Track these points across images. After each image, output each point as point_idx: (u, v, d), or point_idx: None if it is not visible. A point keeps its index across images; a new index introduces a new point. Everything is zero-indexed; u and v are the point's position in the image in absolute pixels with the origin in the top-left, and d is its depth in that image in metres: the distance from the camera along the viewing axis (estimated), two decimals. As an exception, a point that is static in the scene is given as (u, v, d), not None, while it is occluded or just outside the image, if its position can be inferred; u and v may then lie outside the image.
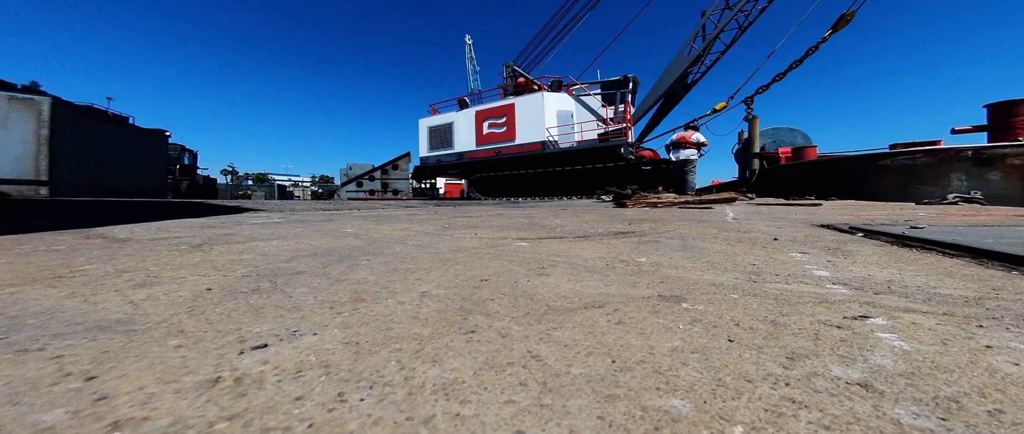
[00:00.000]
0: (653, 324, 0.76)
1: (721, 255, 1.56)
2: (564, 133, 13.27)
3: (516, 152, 13.95)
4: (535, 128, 13.38)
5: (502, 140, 14.38)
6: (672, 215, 3.80)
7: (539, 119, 13.26)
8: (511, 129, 14.15)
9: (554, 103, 13.52)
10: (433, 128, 16.79)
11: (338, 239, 2.06)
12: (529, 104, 13.76)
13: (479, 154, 15.13)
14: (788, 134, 12.73)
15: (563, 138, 13.25)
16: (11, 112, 8.69)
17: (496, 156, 14.50)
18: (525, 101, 13.93)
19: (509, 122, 14.23)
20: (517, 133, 13.92)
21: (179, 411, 0.46)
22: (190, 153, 20.44)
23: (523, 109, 13.86)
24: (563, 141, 13.22)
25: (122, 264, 1.31)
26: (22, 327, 0.71)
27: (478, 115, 15.26)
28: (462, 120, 15.78)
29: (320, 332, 0.71)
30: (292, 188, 40.20)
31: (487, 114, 15.04)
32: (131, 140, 12.25)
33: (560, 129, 13.27)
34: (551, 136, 13.16)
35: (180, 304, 0.87)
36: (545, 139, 13.13)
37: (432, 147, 16.84)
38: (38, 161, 8.83)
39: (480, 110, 15.30)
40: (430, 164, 17.13)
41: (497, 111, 14.75)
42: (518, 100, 14.10)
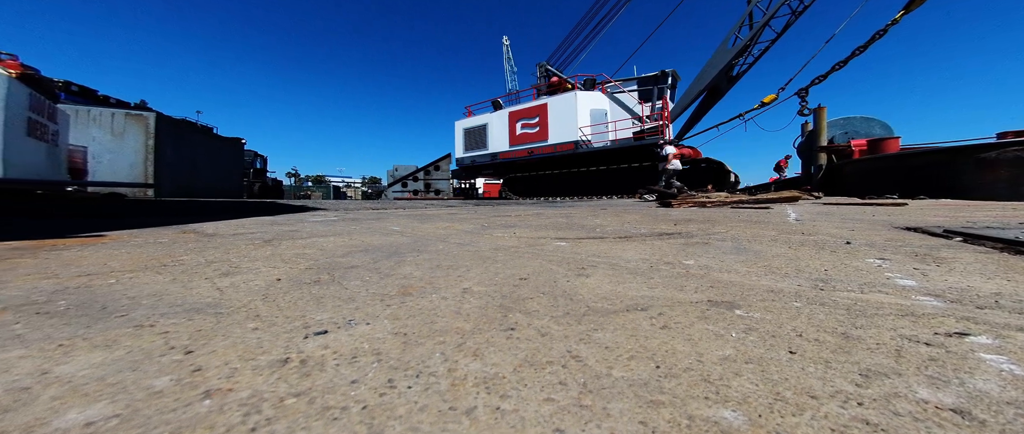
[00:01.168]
0: (702, 330, 0.72)
1: (781, 259, 1.43)
2: (598, 132, 12.99)
3: (548, 152, 13.82)
4: (568, 128, 13.20)
5: (535, 140, 14.35)
6: (723, 215, 3.54)
7: (572, 118, 13.07)
8: (544, 129, 14.06)
9: (587, 102, 13.28)
10: (468, 130, 17.05)
11: (386, 236, 2.19)
12: (562, 104, 13.56)
13: (512, 154, 15.16)
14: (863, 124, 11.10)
15: (596, 137, 12.97)
16: (127, 126, 10.35)
17: (529, 156, 14.47)
18: (558, 101, 13.75)
19: (542, 122, 14.16)
20: (550, 133, 13.82)
21: (256, 385, 0.52)
22: (261, 158, 22.87)
23: (556, 109, 13.71)
24: (596, 140, 12.95)
25: (210, 256, 1.50)
26: (138, 306, 0.85)
27: (511, 116, 15.31)
28: (496, 121, 15.99)
29: (372, 322, 0.77)
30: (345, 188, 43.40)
31: (520, 115, 15.02)
32: (215, 148, 14.01)
33: (593, 128, 13.01)
34: (584, 136, 12.97)
35: (256, 292, 0.98)
36: (578, 139, 12.94)
37: (467, 148, 17.11)
38: (146, 167, 10.41)
39: (513, 111, 15.32)
40: (466, 165, 17.39)
41: (530, 111, 14.69)
42: (551, 100, 13.96)
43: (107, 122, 10.18)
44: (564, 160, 13.71)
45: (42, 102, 6.18)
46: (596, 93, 13.50)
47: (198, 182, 12.54)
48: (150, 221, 2.91)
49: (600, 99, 13.42)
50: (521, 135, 14.90)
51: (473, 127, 16.85)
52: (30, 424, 0.43)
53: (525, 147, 14.70)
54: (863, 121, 11.27)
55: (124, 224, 2.64)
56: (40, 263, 1.30)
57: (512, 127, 15.20)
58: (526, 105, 15.06)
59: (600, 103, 13.36)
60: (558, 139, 13.56)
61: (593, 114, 13.17)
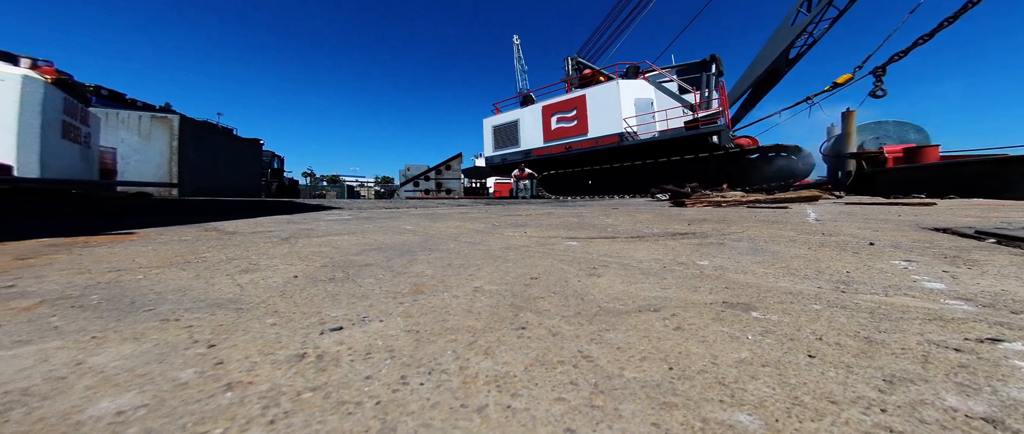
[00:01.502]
0: (716, 332, 0.71)
1: (800, 260, 1.39)
2: (644, 123, 11.81)
3: (589, 146, 12.70)
4: (610, 119, 12.11)
5: (572, 134, 13.27)
6: (739, 215, 3.45)
7: (615, 109, 11.96)
8: (582, 122, 12.94)
9: (631, 91, 12.07)
10: (498, 127, 15.96)
11: (398, 235, 2.22)
12: (602, 94, 12.41)
13: (547, 151, 14.14)
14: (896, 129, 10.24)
15: (643, 129, 11.80)
16: (153, 128, 10.77)
17: (566, 152, 13.40)
18: (598, 91, 12.59)
19: (580, 115, 13.05)
20: (590, 126, 12.69)
21: (275, 379, 0.54)
22: (278, 158, 23.50)
23: (596, 100, 12.57)
24: (643, 132, 11.81)
25: (231, 253, 1.56)
26: (164, 301, 0.89)
27: (545, 110, 14.27)
28: (527, 117, 14.91)
29: (385, 320, 0.78)
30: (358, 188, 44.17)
31: (555, 108, 13.96)
32: (235, 149, 14.44)
33: (639, 119, 11.85)
34: (629, 127, 11.84)
35: (274, 288, 1.01)
36: (623, 130, 11.81)
37: (497, 146, 16.01)
38: (171, 167, 10.82)
39: (547, 105, 14.26)
40: (496, 163, 16.51)
41: (566, 104, 13.60)
42: (589, 91, 12.83)
43: (134, 124, 10.62)
44: (607, 154, 12.60)
45: (75, 106, 6.49)
46: (640, 82, 12.27)
47: (219, 182, 12.97)
48: (174, 219, 3.03)
49: (644, 88, 12.18)
50: (557, 130, 13.81)
51: (503, 124, 15.89)
52: (67, 411, 0.45)
53: (561, 142, 13.61)
54: (896, 126, 10.38)
55: (150, 222, 2.75)
56: (74, 259, 1.36)
57: (546, 122, 14.13)
58: (561, 98, 13.92)
59: (645, 92, 12.13)
60: (599, 132, 12.41)
61: (638, 104, 11.99)
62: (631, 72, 12.69)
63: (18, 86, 5.27)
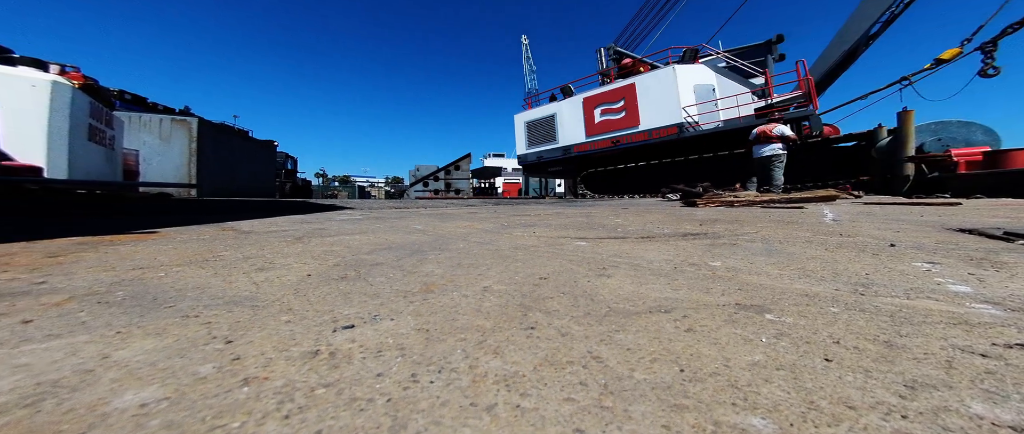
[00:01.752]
0: (729, 334, 0.69)
1: (816, 262, 1.35)
2: (706, 112, 10.48)
3: (641, 140, 11.41)
4: (667, 109, 10.81)
5: (620, 127, 11.92)
6: (752, 215, 3.38)
7: (672, 98, 10.65)
8: (632, 114, 11.62)
9: (690, 77, 10.73)
10: (531, 123, 14.70)
11: (408, 235, 2.25)
12: (656, 82, 11.06)
13: (590, 146, 12.81)
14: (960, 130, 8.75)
15: (705, 118, 10.50)
16: (173, 130, 11.12)
17: (614, 147, 12.09)
18: (650, 79, 11.25)
19: (629, 106, 11.69)
20: (642, 117, 11.38)
21: (289, 375, 0.55)
22: (292, 159, 24.01)
23: (648, 88, 11.25)
24: (705, 121, 10.50)
25: (247, 252, 1.60)
26: (184, 298, 0.92)
27: (587, 102, 12.92)
28: (566, 110, 13.53)
29: (396, 318, 0.79)
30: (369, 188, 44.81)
31: (598, 100, 12.54)
32: (251, 150, 14.80)
33: (700, 108, 10.55)
34: (689, 117, 10.56)
35: (288, 286, 1.04)
36: (682, 121, 10.52)
37: (531, 143, 14.74)
38: (190, 168, 11.15)
39: (589, 96, 12.89)
40: (530, 162, 15.01)
41: (611, 95, 12.18)
42: (639, 79, 11.54)
43: (156, 127, 10.98)
44: (663, 148, 11.30)
45: (101, 110, 6.75)
46: (698, 66, 10.95)
47: (235, 182, 13.31)
48: (193, 219, 3.12)
49: (705, 73, 10.76)
50: (602, 123, 12.39)
51: (537, 119, 14.54)
52: (94, 403, 0.47)
53: (607, 136, 12.26)
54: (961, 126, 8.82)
55: (171, 222, 2.84)
56: (101, 257, 1.42)
57: (588, 115, 12.75)
58: (605, 88, 12.52)
59: (705, 77, 10.72)
60: (654, 123, 11.08)
61: (698, 91, 10.66)
62: (688, 56, 11.38)
63: (48, 91, 5.50)
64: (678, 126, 10.70)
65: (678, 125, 10.70)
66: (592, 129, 12.85)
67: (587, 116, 12.98)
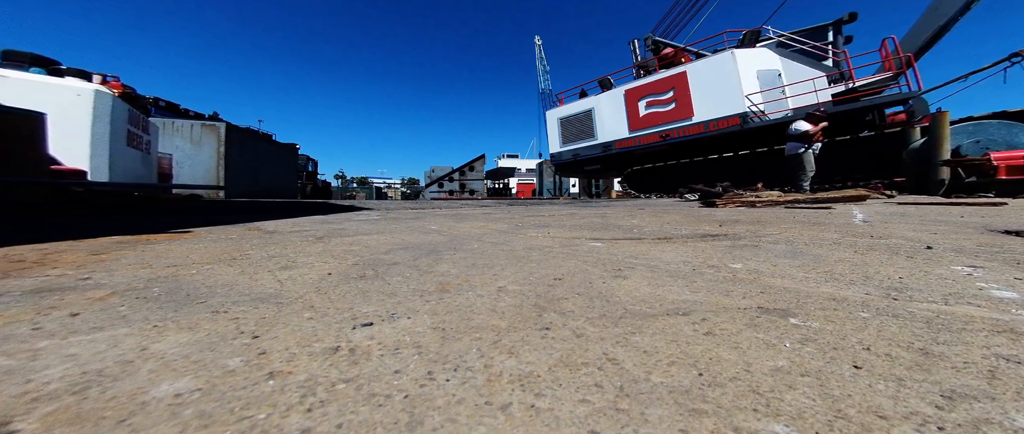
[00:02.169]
0: (750, 338, 0.68)
1: (845, 265, 1.29)
2: (772, 100, 9.39)
3: (696, 133, 10.41)
4: (727, 98, 9.77)
5: (670, 120, 10.95)
6: (775, 216, 3.26)
7: (732, 85, 9.63)
8: (684, 105, 10.64)
9: (752, 62, 9.68)
10: (566, 119, 13.78)
11: (424, 235, 2.28)
12: (712, 69, 10.07)
13: (635, 142, 11.82)
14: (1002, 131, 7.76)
15: (772, 107, 9.41)
16: (203, 135, 11.67)
17: (663, 141, 11.09)
18: (704, 67, 10.28)
19: (680, 96, 10.70)
20: (696, 108, 10.40)
21: (312, 370, 0.57)
22: (313, 162, 24.77)
23: (702, 77, 10.27)
24: (772, 110, 9.40)
25: (271, 251, 1.66)
26: (214, 295, 0.96)
27: (629, 95, 11.90)
28: (606, 104, 12.52)
29: (412, 317, 0.81)
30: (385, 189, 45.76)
31: (643, 91, 11.51)
32: (274, 153, 15.37)
33: (765, 95, 9.46)
34: (754, 106, 9.48)
35: (310, 284, 1.07)
36: (746, 110, 9.42)
37: (566, 141, 13.86)
38: (218, 171, 11.67)
39: (632, 88, 11.87)
40: (565, 160, 14.09)
41: (658, 85, 11.18)
42: (691, 67, 10.60)
43: (187, 132, 11.55)
44: (723, 141, 10.16)
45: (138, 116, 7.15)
46: (761, 50, 9.89)
47: (260, 184, 13.84)
48: (222, 219, 3.26)
49: (768, 57, 9.69)
50: (648, 116, 11.40)
51: (573, 115, 13.60)
52: (134, 392, 0.50)
53: (655, 130, 11.27)
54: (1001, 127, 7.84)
55: (201, 222, 2.98)
56: (139, 255, 1.50)
57: (632, 108, 11.78)
58: (651, 79, 11.44)
59: (769, 62, 9.65)
60: (711, 114, 10.09)
61: (762, 77, 9.59)
62: (748, 39, 10.27)
63: (91, 100, 5.87)
64: (741, 116, 9.51)
65: (741, 115, 9.51)
66: (636, 123, 11.84)
67: (630, 110, 11.93)
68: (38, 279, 1.10)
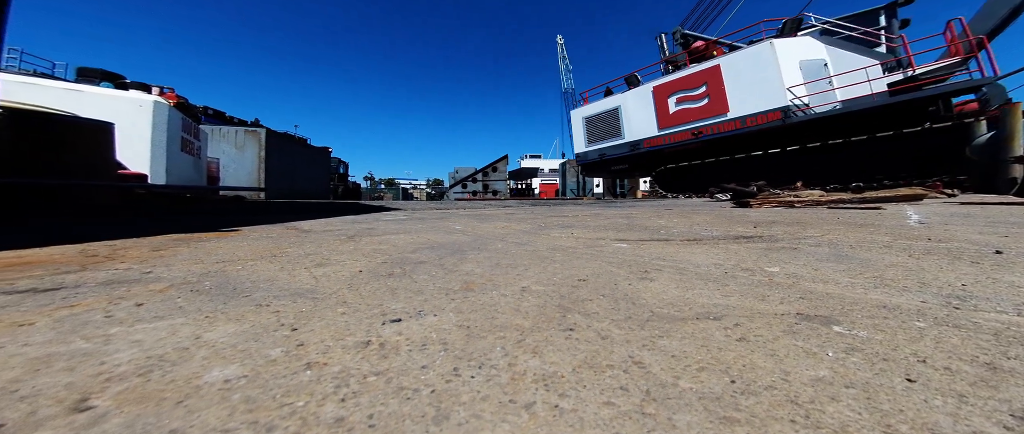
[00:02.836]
0: (788, 346, 0.64)
1: (897, 270, 1.19)
2: (818, 92, 8.71)
3: (732, 129, 9.81)
4: (766, 92, 9.13)
5: (702, 116, 10.43)
6: (816, 217, 3.06)
7: (772, 78, 9.00)
8: (718, 100, 10.06)
9: (793, 52, 9.03)
10: (592, 118, 13.43)
11: (449, 235, 2.32)
12: (749, 61, 9.44)
13: (664, 140, 11.35)
14: None
15: (817, 99, 8.72)
16: (246, 140, 12.49)
17: (694, 139, 10.59)
18: (740, 59, 9.68)
19: (714, 91, 10.14)
20: (731, 103, 9.81)
21: (345, 362, 0.60)
22: (344, 164, 25.88)
23: (738, 70, 9.68)
24: (817, 104, 8.70)
25: (307, 249, 1.75)
26: (257, 289, 1.03)
27: (658, 91, 11.42)
28: (633, 102, 12.13)
29: (439, 314, 0.83)
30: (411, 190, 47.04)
31: (673, 87, 11.01)
32: (309, 156, 16.20)
33: (809, 87, 8.80)
34: (796, 98, 8.84)
35: (343, 281, 1.12)
36: (788, 104, 8.76)
37: (591, 140, 13.53)
38: (259, 174, 12.46)
39: (661, 84, 11.37)
40: (591, 160, 13.76)
41: (690, 80, 10.67)
42: (725, 60, 10.02)
43: (232, 138, 12.41)
44: (762, 138, 9.48)
45: (190, 124, 7.77)
46: (804, 39, 9.22)
47: (296, 186, 14.64)
48: (263, 219, 3.48)
49: (812, 46, 9.03)
50: (678, 113, 10.91)
51: (598, 114, 13.21)
52: (189, 376, 0.55)
53: (686, 128, 10.78)
54: None
55: (245, 221, 3.20)
56: (192, 251, 1.64)
57: (661, 105, 11.30)
58: (682, 74, 10.94)
59: (813, 51, 8.97)
60: (748, 109, 9.49)
61: (806, 68, 8.89)
62: (789, 28, 9.64)
63: (151, 110, 6.44)
64: (783, 111, 8.83)
65: (782, 109, 8.82)
66: (666, 121, 11.33)
67: (659, 107, 11.43)
68: (109, 272, 1.22)
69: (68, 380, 0.54)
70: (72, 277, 1.15)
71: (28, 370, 0.56)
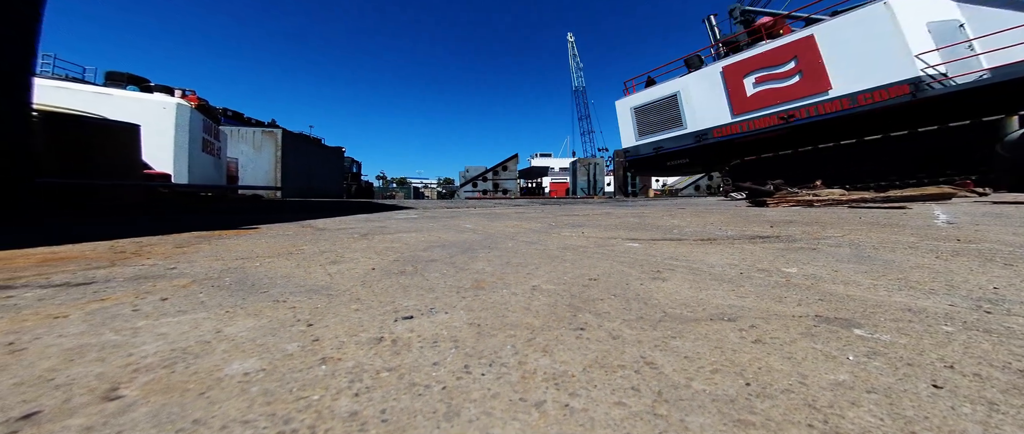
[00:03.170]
0: (806, 349, 0.62)
1: (923, 271, 1.15)
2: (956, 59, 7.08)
3: (834, 111, 8.17)
4: (884, 62, 7.48)
5: (794, 97, 8.81)
6: (837, 216, 2.96)
7: (893, 44, 7.37)
8: (815, 76, 8.41)
9: (917, 12, 7.44)
10: (642, 108, 11.85)
11: (460, 233, 2.34)
12: (855, 27, 7.79)
13: (742, 127, 9.69)
14: None
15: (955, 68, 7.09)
16: (263, 141, 12.83)
17: (784, 124, 8.96)
18: (842, 25, 8.01)
19: (808, 66, 8.50)
20: (834, 79, 8.19)
21: (358, 358, 0.61)
22: (356, 163, 26.32)
23: (840, 39, 8.04)
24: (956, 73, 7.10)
25: (322, 247, 1.79)
26: (274, 286, 1.06)
27: (730, 71, 9.83)
28: (696, 85, 10.60)
29: (450, 312, 0.83)
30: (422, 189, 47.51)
31: (749, 66, 9.40)
32: (323, 156, 16.53)
33: (943, 54, 7.17)
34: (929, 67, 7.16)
35: (356, 278, 1.14)
36: (917, 76, 7.09)
37: (643, 132, 11.92)
38: (276, 173, 12.78)
39: (733, 64, 9.79)
40: (643, 155, 12.10)
41: (773, 56, 9.03)
42: (820, 29, 8.41)
43: (250, 139, 12.76)
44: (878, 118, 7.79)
45: (211, 125, 8.01)
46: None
47: (311, 185, 14.97)
48: (280, 217, 3.57)
49: (942, 5, 7.40)
50: (759, 95, 9.34)
51: (651, 103, 11.59)
52: (211, 369, 0.57)
53: (771, 111, 9.14)
54: None
55: (263, 219, 3.28)
56: (213, 248, 1.69)
57: (735, 86, 9.77)
58: (762, 49, 9.34)
59: (944, 10, 7.35)
60: (858, 85, 7.79)
61: (935, 31, 7.30)
62: None
63: (174, 112, 6.68)
64: (912, 83, 7.10)
65: (911, 81, 7.11)
66: (742, 105, 9.66)
67: (732, 89, 9.81)
68: (136, 267, 1.28)
69: (99, 370, 0.56)
70: (102, 272, 1.21)
71: (63, 360, 0.60)
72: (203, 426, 0.43)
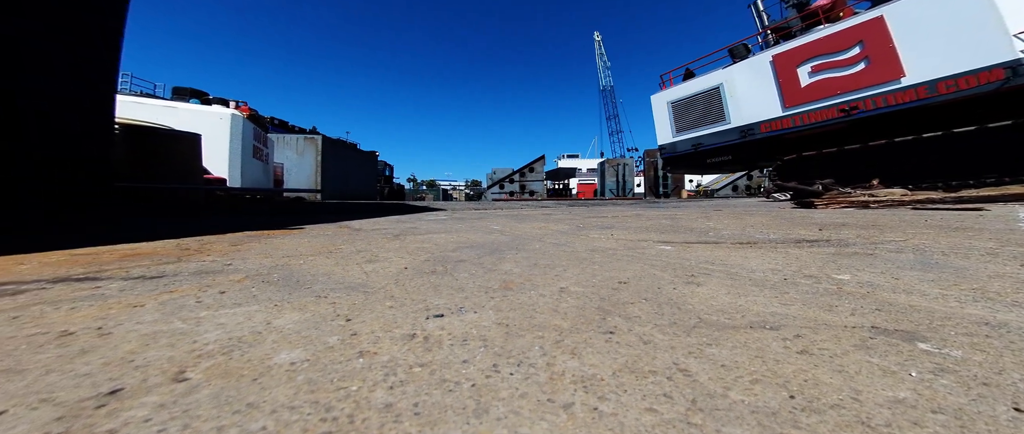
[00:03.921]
0: (860, 362, 0.58)
1: (1004, 281, 1.02)
2: None
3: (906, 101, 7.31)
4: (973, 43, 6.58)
5: (858, 86, 7.90)
6: (898, 219, 2.68)
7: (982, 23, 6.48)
8: (885, 63, 7.49)
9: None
10: (680, 103, 11.20)
11: (488, 235, 2.37)
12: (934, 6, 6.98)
13: (794, 121, 8.91)
14: None
15: None
16: (305, 147, 13.69)
17: (845, 116, 8.11)
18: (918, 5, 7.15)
19: (875, 51, 7.59)
20: (907, 66, 7.28)
21: (393, 353, 0.64)
22: (389, 167, 27.38)
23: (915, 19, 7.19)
24: None
25: (358, 246, 1.89)
26: (317, 282, 1.13)
27: (781, 60, 8.99)
28: (742, 76, 9.82)
29: (479, 312, 0.85)
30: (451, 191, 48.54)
31: (806, 52, 8.54)
32: (359, 160, 17.37)
33: None
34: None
35: (390, 277, 1.20)
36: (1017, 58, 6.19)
37: (681, 128, 11.27)
38: (317, 177, 13.59)
39: (785, 52, 8.95)
40: (680, 152, 11.40)
41: (833, 41, 8.15)
42: (891, 8, 7.42)
43: (293, 145, 13.66)
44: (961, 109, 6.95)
45: (260, 133, 8.68)
46: None
47: (347, 188, 15.77)
48: (320, 218, 3.80)
49: None
50: (816, 85, 8.49)
51: (691, 96, 10.95)
52: (262, 357, 0.62)
53: (830, 103, 8.27)
54: None
55: (305, 220, 3.51)
56: (263, 247, 1.83)
57: (787, 76, 8.96)
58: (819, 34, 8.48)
59: None
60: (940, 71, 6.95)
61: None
62: None
63: (229, 122, 7.29)
64: (1009, 67, 6.18)
65: (1010, 65, 6.18)
66: (795, 97, 8.82)
67: (784, 80, 8.97)
68: (198, 263, 1.41)
69: (170, 354, 0.63)
70: (171, 267, 1.35)
71: (140, 344, 0.67)
72: (256, 409, 0.47)
